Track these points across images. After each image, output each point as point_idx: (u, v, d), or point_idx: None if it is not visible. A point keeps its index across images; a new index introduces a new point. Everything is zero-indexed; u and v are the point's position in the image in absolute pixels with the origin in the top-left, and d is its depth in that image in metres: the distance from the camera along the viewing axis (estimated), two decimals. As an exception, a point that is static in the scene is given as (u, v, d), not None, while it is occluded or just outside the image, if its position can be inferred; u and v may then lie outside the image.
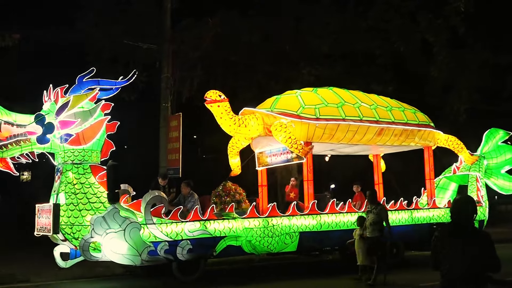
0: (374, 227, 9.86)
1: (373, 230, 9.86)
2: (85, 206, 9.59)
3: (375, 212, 9.94)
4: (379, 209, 10.04)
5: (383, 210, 10.15)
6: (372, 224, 9.89)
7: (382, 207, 10.24)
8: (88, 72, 10.03)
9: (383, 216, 9.99)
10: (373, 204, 10.18)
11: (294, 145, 11.07)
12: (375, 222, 9.87)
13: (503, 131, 14.75)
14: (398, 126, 12.55)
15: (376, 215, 9.92)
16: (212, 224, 10.22)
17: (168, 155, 15.37)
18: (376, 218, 9.90)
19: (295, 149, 11.12)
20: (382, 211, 10.02)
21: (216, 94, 10.96)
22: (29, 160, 9.79)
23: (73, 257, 10.43)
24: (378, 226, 9.85)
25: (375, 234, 9.84)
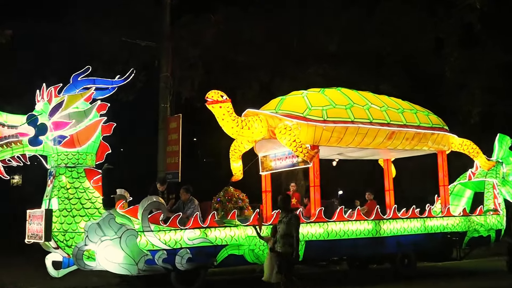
0: (284, 240, 8.49)
1: (283, 244, 8.48)
2: (79, 212, 9.55)
3: (285, 222, 8.57)
4: (289, 218, 8.61)
5: (294, 219, 8.65)
6: (282, 236, 8.53)
7: (294, 216, 8.70)
8: (83, 70, 10.00)
9: (293, 226, 8.57)
10: (285, 212, 8.79)
11: (299, 149, 11.04)
12: (286, 234, 8.51)
13: (509, 138, 14.81)
14: (410, 129, 12.50)
15: (286, 225, 8.54)
16: (213, 232, 10.18)
17: (167, 158, 15.39)
18: (286, 229, 8.53)
19: (300, 153, 11.09)
20: (292, 221, 8.59)
21: (217, 94, 10.93)
22: (20, 163, 9.76)
23: (66, 266, 10.39)
24: (289, 240, 8.47)
25: (286, 250, 8.47)
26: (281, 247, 8.47)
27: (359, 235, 11.69)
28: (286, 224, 8.49)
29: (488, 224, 13.69)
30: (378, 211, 12.15)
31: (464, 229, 13.24)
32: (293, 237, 8.44)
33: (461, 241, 13.27)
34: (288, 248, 8.41)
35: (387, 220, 12.16)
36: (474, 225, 13.42)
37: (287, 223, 8.49)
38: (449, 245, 13.22)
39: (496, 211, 13.97)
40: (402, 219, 12.35)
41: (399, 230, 12.25)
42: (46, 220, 9.43)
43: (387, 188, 14.14)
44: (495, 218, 13.85)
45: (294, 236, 8.47)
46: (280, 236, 8.51)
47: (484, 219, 13.67)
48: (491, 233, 13.74)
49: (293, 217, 8.59)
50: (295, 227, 8.54)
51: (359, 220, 11.77)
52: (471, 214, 13.70)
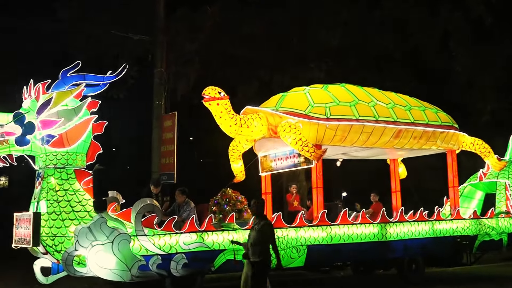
0: (255, 248, 8.21)
1: (254, 253, 8.20)
2: (69, 215, 9.52)
3: (257, 229, 8.28)
4: (261, 225, 8.30)
5: (267, 227, 8.34)
6: (253, 245, 8.25)
7: (266, 224, 8.36)
8: (73, 66, 9.98)
9: (267, 235, 8.29)
10: (258, 219, 8.49)
11: (305, 148, 11.00)
12: (258, 243, 8.22)
13: None
14: (418, 127, 12.50)
15: (258, 233, 8.25)
16: (210, 236, 10.15)
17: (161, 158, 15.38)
18: (258, 237, 8.24)
19: (306, 152, 11.05)
20: (264, 229, 8.28)
21: (215, 91, 10.92)
22: (6, 164, 9.74)
23: (55, 272, 10.37)
24: (260, 248, 8.19)
25: (256, 259, 8.17)
26: (252, 254, 8.21)
27: (364, 239, 11.67)
28: (258, 232, 8.23)
29: (500, 227, 13.70)
30: (384, 214, 12.14)
31: (475, 232, 13.25)
32: (265, 246, 8.22)
33: (471, 245, 13.27)
34: (258, 256, 8.15)
35: (394, 223, 12.15)
36: (485, 229, 13.43)
37: (259, 230, 8.23)
38: (459, 249, 13.22)
39: (509, 213, 14.00)
40: (409, 222, 12.35)
41: (406, 234, 12.24)
42: (34, 224, 9.40)
43: (393, 189, 14.16)
44: (508, 221, 13.87)
45: (271, 245, 8.29)
46: (251, 244, 8.27)
47: (495, 222, 13.68)
48: (503, 236, 13.76)
49: (265, 225, 8.30)
50: (270, 236, 8.31)
51: (364, 223, 11.75)
52: (482, 216, 13.70)
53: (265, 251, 8.18)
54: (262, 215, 8.52)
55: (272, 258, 8.43)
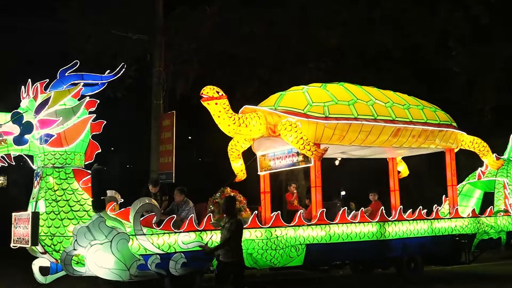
0: (225, 248, 8.16)
1: (225, 253, 8.13)
2: (67, 214, 9.53)
3: (227, 228, 8.15)
4: (230, 224, 8.17)
5: (235, 225, 8.19)
6: (223, 243, 8.23)
7: (235, 222, 8.22)
8: (71, 65, 9.98)
9: (237, 233, 8.19)
10: (228, 217, 8.37)
11: (306, 147, 11.00)
12: (227, 241, 8.17)
13: None
14: (417, 126, 12.50)
15: (227, 231, 8.14)
16: (209, 235, 10.14)
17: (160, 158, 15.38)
18: (227, 235, 8.15)
19: (308, 151, 11.05)
20: (232, 227, 8.15)
21: (213, 91, 10.92)
22: (4, 163, 9.75)
23: (54, 271, 10.38)
24: (230, 248, 8.10)
25: (228, 259, 8.11)
26: (223, 254, 8.10)
27: (363, 238, 11.67)
28: (227, 230, 8.11)
29: (498, 225, 13.72)
30: (382, 213, 12.14)
31: (473, 231, 13.26)
32: (236, 245, 8.09)
33: (470, 244, 13.29)
34: (230, 256, 8.03)
35: (392, 222, 12.15)
36: (484, 227, 13.44)
37: (228, 229, 8.10)
38: (457, 248, 13.25)
39: (507, 212, 14.01)
40: (408, 221, 12.35)
41: (405, 233, 12.24)
42: (32, 223, 9.41)
43: (392, 188, 14.18)
44: (506, 219, 13.88)
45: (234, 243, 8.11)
46: (222, 242, 8.19)
47: (494, 220, 13.69)
48: (501, 235, 13.77)
49: (234, 223, 8.15)
50: (236, 234, 8.14)
51: (362, 222, 11.76)
52: (481, 215, 13.71)
53: (237, 250, 8.06)
54: (232, 214, 8.35)
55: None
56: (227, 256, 7.98)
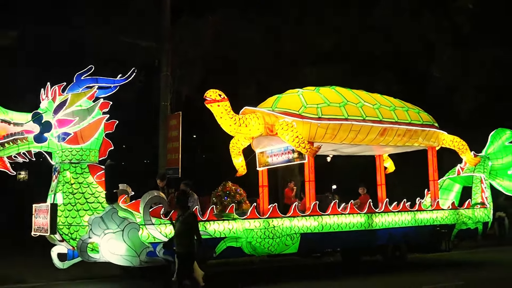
0: (179, 240, 7.79)
1: (179, 244, 7.79)
2: (83, 206, 9.59)
3: (181, 221, 7.82)
4: (185, 217, 7.84)
5: (192, 218, 7.90)
6: (178, 236, 7.83)
7: (190, 215, 7.91)
8: (86, 70, 10.02)
9: (191, 225, 7.81)
10: (182, 211, 7.97)
11: (302, 145, 11.05)
12: (181, 234, 7.78)
13: (510, 131, 14.76)
14: (402, 126, 12.54)
15: (182, 224, 7.80)
16: (212, 225, 10.21)
17: (167, 154, 15.38)
18: (182, 228, 7.79)
19: (303, 148, 11.09)
20: (190, 220, 7.83)
21: (216, 94, 10.95)
22: (26, 159, 9.78)
23: (71, 257, 10.44)
24: (183, 240, 7.75)
25: (181, 250, 7.77)
26: (178, 247, 7.79)
27: (352, 228, 11.71)
28: (182, 223, 7.79)
29: (475, 217, 13.73)
30: (370, 205, 12.18)
31: (453, 221, 13.29)
32: (189, 236, 7.74)
33: (449, 233, 13.32)
34: (183, 248, 7.73)
35: (379, 214, 12.19)
36: (462, 218, 13.47)
37: (183, 222, 7.79)
38: (438, 237, 13.27)
39: (484, 204, 14.01)
40: (393, 212, 12.39)
41: (390, 223, 12.28)
42: (51, 214, 9.47)
43: (379, 182, 14.20)
44: (483, 211, 13.90)
45: (195, 235, 7.79)
46: (176, 235, 7.86)
47: (472, 212, 13.72)
48: (478, 225, 13.79)
49: (189, 216, 7.84)
50: (194, 226, 7.83)
51: (352, 213, 11.81)
52: (460, 207, 13.74)
53: (189, 241, 7.74)
54: (185, 207, 8.00)
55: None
56: (180, 247, 7.75)
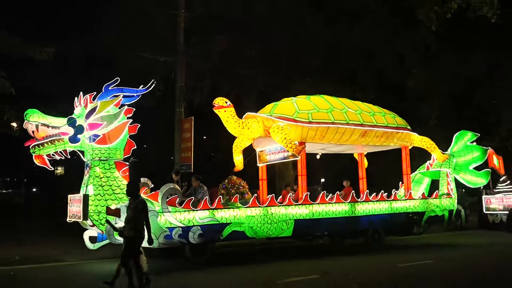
0: (130, 225, 7.33)
1: (129, 229, 7.32)
2: (110, 196, 9.60)
3: (132, 208, 7.40)
4: (135, 204, 7.40)
5: (141, 205, 7.42)
6: (128, 221, 7.39)
7: (140, 202, 7.44)
8: (113, 81, 10.03)
9: (140, 212, 7.37)
10: (133, 199, 7.52)
11: (289, 145, 11.08)
12: (131, 220, 7.35)
13: (471, 132, 14.81)
14: (380, 128, 12.55)
15: (132, 210, 7.38)
16: (219, 213, 10.22)
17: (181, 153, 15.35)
18: (132, 214, 7.37)
19: (290, 148, 11.12)
20: (139, 206, 7.38)
21: (223, 101, 10.96)
22: (62, 157, 9.79)
23: (100, 240, 10.45)
24: (133, 225, 7.31)
25: (130, 234, 7.32)
26: (127, 231, 7.34)
27: (338, 214, 11.73)
28: (132, 210, 7.37)
29: (442, 205, 13.76)
30: (353, 195, 12.19)
31: (423, 209, 13.31)
32: (138, 222, 7.30)
33: (420, 219, 13.34)
34: (133, 232, 7.28)
35: (361, 203, 12.21)
36: (431, 206, 13.49)
37: (133, 208, 7.36)
38: (411, 222, 13.29)
39: (449, 195, 14.04)
40: (373, 201, 12.40)
41: (370, 211, 12.31)
42: (84, 203, 9.48)
43: (360, 176, 14.20)
44: (448, 200, 13.92)
45: (144, 221, 7.36)
46: (127, 221, 7.40)
47: (439, 201, 13.74)
48: (445, 212, 13.81)
49: (139, 203, 7.40)
50: (143, 213, 7.38)
51: (338, 202, 11.82)
52: (429, 197, 13.75)
53: (138, 227, 7.29)
54: (135, 195, 7.54)
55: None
56: (129, 232, 7.30)
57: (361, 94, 18.00)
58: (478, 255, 11.98)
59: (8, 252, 11.56)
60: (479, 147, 14.79)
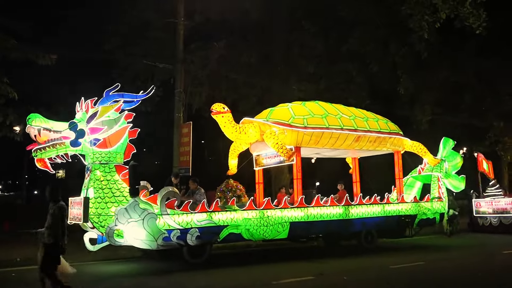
0: (49, 231, 6.77)
1: (48, 235, 6.76)
2: (110, 199, 9.55)
3: (51, 213, 6.84)
4: (53, 209, 6.86)
5: (58, 210, 6.85)
6: (47, 227, 6.81)
7: (57, 208, 6.87)
8: (113, 87, 9.98)
9: (57, 217, 6.78)
10: (52, 203, 6.93)
11: (280, 149, 11.10)
12: (50, 226, 6.78)
13: (452, 140, 14.94)
14: (373, 134, 12.56)
15: (51, 216, 6.82)
16: (217, 215, 10.19)
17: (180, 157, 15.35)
18: (50, 220, 6.81)
19: (281, 152, 11.13)
20: (55, 212, 6.83)
21: (220, 107, 10.96)
22: (63, 160, 9.74)
23: (100, 242, 10.38)
24: (52, 231, 6.75)
25: (49, 241, 6.75)
26: (47, 237, 6.77)
27: (332, 217, 11.71)
28: (51, 216, 6.83)
29: (433, 208, 13.77)
30: (347, 199, 12.19)
31: (415, 212, 13.31)
32: (56, 228, 6.73)
33: (412, 222, 13.34)
34: (52, 239, 6.73)
35: (354, 206, 12.20)
36: (423, 209, 13.50)
37: (51, 214, 6.84)
38: (403, 225, 13.28)
39: (440, 198, 14.05)
40: (366, 204, 12.40)
41: (363, 214, 12.30)
42: (84, 205, 9.42)
43: (354, 180, 14.19)
44: (439, 204, 13.94)
45: (59, 226, 6.76)
46: (46, 227, 6.84)
47: (430, 204, 13.75)
48: (436, 215, 13.82)
49: (56, 209, 6.83)
50: (60, 218, 6.80)
51: (332, 205, 11.81)
52: (421, 200, 13.76)
53: (57, 233, 6.73)
54: (55, 200, 6.96)
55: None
56: (48, 238, 6.76)
57: (355, 100, 18.07)
58: (468, 256, 11.98)
59: (10, 253, 11.48)
60: (458, 153, 15.10)
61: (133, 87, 14.98)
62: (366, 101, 18.60)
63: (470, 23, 15.57)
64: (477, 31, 15.62)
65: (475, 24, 15.42)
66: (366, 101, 18.60)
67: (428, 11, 15.96)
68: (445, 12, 15.56)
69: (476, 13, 15.32)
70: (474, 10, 15.35)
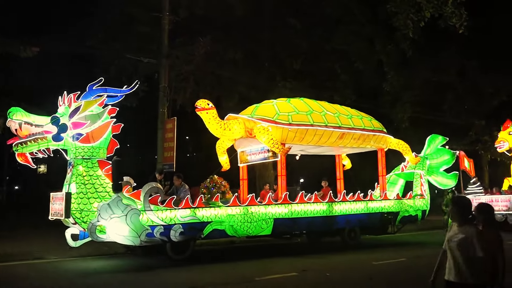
0: None
1: None
2: (93, 194, 9.47)
3: None
4: None
5: None
6: None
7: None
8: (97, 81, 9.91)
9: None
10: None
11: (275, 145, 11.09)
12: None
13: (441, 136, 15.00)
14: (357, 131, 12.64)
15: None
16: (200, 211, 10.16)
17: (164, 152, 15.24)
18: None
19: (276, 149, 11.12)
20: None
21: (205, 103, 10.91)
22: (45, 155, 9.63)
23: (82, 238, 10.29)
24: None
25: None
26: None
27: (316, 214, 11.77)
28: None
29: (416, 206, 13.91)
30: (331, 195, 12.25)
31: (398, 209, 13.44)
32: None
33: (395, 219, 13.47)
34: None
35: (338, 202, 12.27)
36: (405, 207, 13.63)
37: None
38: (385, 222, 13.40)
39: (422, 195, 14.20)
40: (349, 201, 12.48)
41: (347, 210, 12.38)
42: (66, 201, 9.33)
43: (338, 177, 14.28)
44: (421, 201, 14.09)
45: None
46: None
47: (413, 202, 13.89)
48: (418, 212, 13.97)
49: None
50: None
51: (316, 202, 11.86)
52: (403, 198, 13.90)
53: None
54: None
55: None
56: None
57: (340, 98, 18.14)
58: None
59: None
60: (448, 150, 15.06)
61: (117, 82, 14.79)
62: (351, 98, 18.67)
63: (453, 22, 15.78)
64: (460, 30, 15.84)
65: (458, 23, 15.63)
66: (351, 98, 18.67)
67: (412, 10, 16.11)
68: (429, 11, 15.72)
69: (458, 12, 15.54)
70: (456, 10, 15.55)
